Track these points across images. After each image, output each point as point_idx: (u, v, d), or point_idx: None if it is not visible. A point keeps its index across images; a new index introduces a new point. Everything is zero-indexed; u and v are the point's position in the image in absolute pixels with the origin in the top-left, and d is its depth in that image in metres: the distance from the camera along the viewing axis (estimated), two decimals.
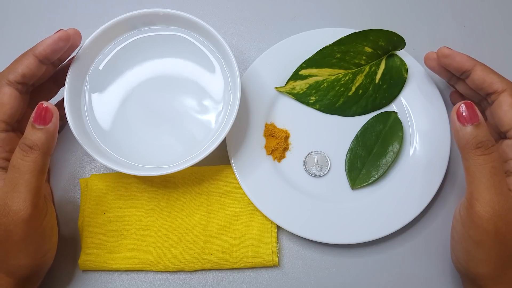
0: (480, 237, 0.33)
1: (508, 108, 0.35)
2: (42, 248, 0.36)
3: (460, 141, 0.34)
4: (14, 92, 0.36)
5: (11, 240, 0.33)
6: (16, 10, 0.50)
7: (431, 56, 0.41)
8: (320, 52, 0.44)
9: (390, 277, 0.42)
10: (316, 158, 0.44)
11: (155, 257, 0.42)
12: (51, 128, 0.33)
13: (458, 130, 0.33)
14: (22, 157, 0.33)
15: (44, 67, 0.37)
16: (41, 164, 0.33)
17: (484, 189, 0.32)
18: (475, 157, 0.33)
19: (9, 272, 0.34)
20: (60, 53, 0.37)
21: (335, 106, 0.45)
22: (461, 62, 0.38)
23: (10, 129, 0.37)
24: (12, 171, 0.33)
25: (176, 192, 0.44)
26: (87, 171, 0.46)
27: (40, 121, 0.33)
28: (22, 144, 0.33)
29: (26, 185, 0.32)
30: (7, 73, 0.36)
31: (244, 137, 0.44)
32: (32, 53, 0.36)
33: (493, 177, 0.32)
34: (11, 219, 0.32)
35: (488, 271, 0.33)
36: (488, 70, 0.37)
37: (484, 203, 0.32)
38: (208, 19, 0.41)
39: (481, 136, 0.33)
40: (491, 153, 0.33)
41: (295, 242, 0.43)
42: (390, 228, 0.41)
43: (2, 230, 0.33)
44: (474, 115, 0.33)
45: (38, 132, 0.33)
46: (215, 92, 0.41)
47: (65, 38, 0.36)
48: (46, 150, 0.33)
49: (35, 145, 0.33)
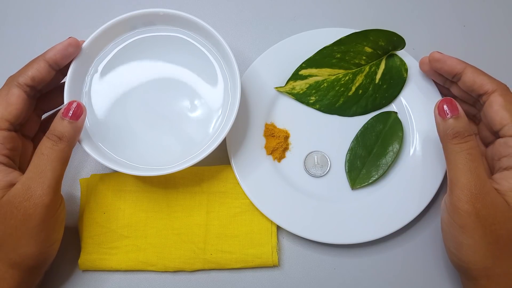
0: (463, 221, 0.34)
1: (499, 108, 0.37)
2: (51, 237, 0.37)
3: (440, 132, 0.36)
4: (22, 94, 0.37)
5: (27, 225, 0.34)
6: (16, 10, 0.50)
7: (425, 61, 0.42)
8: (320, 52, 0.44)
9: (390, 277, 0.42)
10: (316, 158, 0.44)
11: (155, 257, 0.42)
12: (79, 124, 0.36)
13: (439, 124, 0.36)
14: (51, 146, 0.35)
15: (53, 72, 0.38)
16: (67, 154, 0.36)
17: (461, 174, 0.34)
18: (452, 146, 0.35)
19: (15, 263, 0.35)
20: (70, 59, 0.39)
21: (335, 106, 0.45)
22: (452, 65, 0.39)
23: (13, 129, 0.38)
24: (40, 158, 0.35)
25: (176, 192, 0.44)
26: (87, 171, 0.46)
27: (72, 116, 0.36)
28: (51, 135, 0.35)
29: (52, 172, 0.35)
30: (18, 75, 0.37)
31: (244, 137, 0.44)
32: (42, 58, 0.38)
33: (469, 163, 0.34)
34: (33, 203, 0.34)
35: (478, 258, 0.34)
36: (478, 72, 0.39)
37: (461, 186, 0.34)
38: (208, 19, 0.41)
39: (458, 127, 0.35)
40: (467, 141, 0.35)
41: (295, 242, 0.43)
42: (390, 228, 0.41)
43: (21, 214, 0.34)
44: (454, 109, 0.36)
45: (68, 125, 0.36)
46: (215, 92, 0.41)
47: (74, 44, 0.38)
48: (72, 142, 0.36)
49: (64, 136, 0.35)
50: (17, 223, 0.34)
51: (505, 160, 0.36)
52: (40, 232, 0.35)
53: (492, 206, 0.34)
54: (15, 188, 0.34)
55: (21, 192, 0.34)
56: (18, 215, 0.34)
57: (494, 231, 0.34)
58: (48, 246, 0.37)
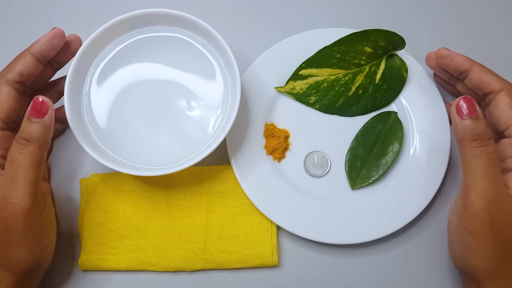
0: (474, 227, 0.33)
1: (505, 107, 0.36)
2: (42, 242, 0.36)
3: (458, 133, 0.34)
4: (12, 91, 0.36)
5: (12, 233, 0.33)
6: (16, 10, 0.50)
7: (432, 56, 0.41)
8: (320, 52, 0.44)
9: (390, 277, 0.42)
10: (316, 158, 0.44)
11: (155, 257, 0.42)
12: (47, 121, 0.34)
13: (457, 123, 0.34)
14: (19, 150, 0.33)
15: (41, 65, 0.37)
16: (38, 156, 0.33)
17: (479, 179, 0.33)
18: (471, 149, 0.34)
19: (9, 267, 0.35)
20: (56, 51, 0.38)
21: (335, 106, 0.45)
22: (459, 63, 0.39)
23: (7, 128, 0.37)
24: (10, 165, 0.33)
25: (176, 192, 0.44)
26: (87, 171, 0.46)
27: (37, 114, 0.33)
28: (19, 137, 0.33)
29: (24, 177, 0.33)
30: (5, 72, 0.36)
31: (244, 137, 0.44)
32: (28, 52, 0.37)
33: (488, 168, 0.33)
34: (11, 212, 0.33)
35: (485, 263, 0.34)
36: (486, 70, 0.38)
37: (478, 192, 0.33)
38: (208, 19, 0.41)
39: (478, 129, 0.33)
40: (487, 145, 0.33)
41: (295, 242, 0.43)
42: (390, 228, 0.41)
43: (3, 223, 0.33)
44: (473, 109, 0.34)
45: (35, 125, 0.33)
46: (215, 92, 0.41)
47: (59, 35, 0.37)
48: (42, 143, 0.34)
49: (32, 138, 0.33)
50: (1, 231, 0.33)
51: (511, 161, 0.36)
52: (28, 239, 0.34)
53: (505, 213, 0.33)
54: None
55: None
56: (0, 225, 0.33)
57: (504, 237, 0.33)
58: (40, 250, 0.36)
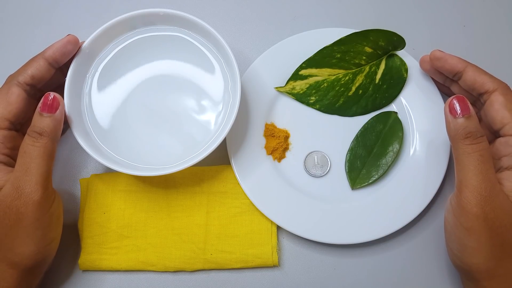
0: (470, 223, 0.34)
1: (499, 107, 0.36)
2: (48, 235, 0.37)
3: (451, 131, 0.35)
4: (22, 93, 0.37)
5: (21, 224, 0.34)
6: (16, 10, 0.50)
7: (426, 59, 0.42)
8: (320, 52, 0.44)
9: (390, 277, 0.42)
10: (316, 158, 0.44)
11: (155, 257, 0.42)
12: (58, 116, 0.36)
13: (450, 122, 0.35)
14: (32, 143, 0.35)
15: (53, 70, 0.38)
16: (50, 149, 0.35)
17: (472, 175, 0.34)
18: (464, 146, 0.34)
19: (13, 263, 0.35)
20: (69, 57, 0.39)
21: (335, 106, 0.45)
22: (453, 64, 0.39)
23: (13, 128, 0.38)
24: (23, 157, 0.35)
25: (176, 192, 0.44)
26: (87, 171, 0.46)
27: (49, 109, 0.36)
28: (31, 131, 0.35)
29: (37, 169, 0.34)
30: (17, 74, 0.37)
31: (244, 137, 0.44)
32: (42, 56, 0.38)
33: (480, 165, 0.34)
34: (23, 201, 0.34)
35: (482, 261, 0.34)
36: (480, 70, 0.38)
37: (471, 188, 0.33)
38: (208, 19, 0.41)
39: (470, 127, 0.34)
40: (479, 142, 0.34)
41: (295, 242, 0.43)
42: (390, 228, 0.41)
43: (14, 214, 0.34)
44: (465, 108, 0.35)
45: (47, 119, 0.35)
46: (215, 92, 0.41)
47: (73, 41, 0.38)
48: (54, 136, 0.36)
49: (44, 132, 0.35)
50: (11, 223, 0.34)
51: (506, 160, 0.36)
52: (36, 230, 0.35)
53: (500, 209, 0.33)
54: (6, 188, 0.35)
55: (11, 191, 0.34)
56: (11, 215, 0.34)
57: (500, 234, 0.34)
58: (45, 244, 0.36)
